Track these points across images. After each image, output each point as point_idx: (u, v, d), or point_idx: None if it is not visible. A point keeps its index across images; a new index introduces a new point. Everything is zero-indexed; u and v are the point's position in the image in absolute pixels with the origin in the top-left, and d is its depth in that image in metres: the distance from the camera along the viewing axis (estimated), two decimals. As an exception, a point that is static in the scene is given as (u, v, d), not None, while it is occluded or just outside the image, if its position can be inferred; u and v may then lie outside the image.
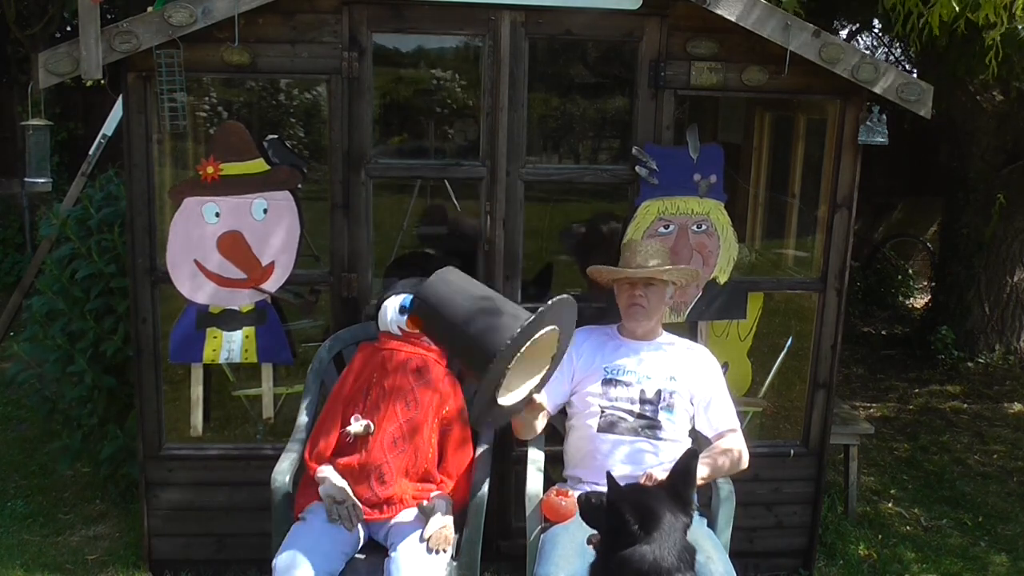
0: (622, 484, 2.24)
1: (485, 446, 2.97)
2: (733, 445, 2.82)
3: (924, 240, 8.60)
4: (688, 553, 2.13)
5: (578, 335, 2.98)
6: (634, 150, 3.22)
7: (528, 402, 2.69)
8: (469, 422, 2.83)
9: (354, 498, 2.75)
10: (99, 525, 3.78)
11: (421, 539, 2.65)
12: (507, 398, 2.60)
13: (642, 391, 2.81)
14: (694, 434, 2.93)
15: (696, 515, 2.76)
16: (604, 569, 2.19)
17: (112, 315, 3.71)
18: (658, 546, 2.09)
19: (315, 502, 2.77)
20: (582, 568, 2.40)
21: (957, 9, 3.33)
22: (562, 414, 3.01)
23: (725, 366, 3.47)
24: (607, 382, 2.84)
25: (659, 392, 2.82)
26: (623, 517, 2.13)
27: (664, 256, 2.96)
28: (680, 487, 2.21)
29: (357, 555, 2.73)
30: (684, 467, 2.24)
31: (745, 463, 2.84)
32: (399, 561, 2.60)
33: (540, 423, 2.86)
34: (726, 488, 2.80)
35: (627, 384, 2.82)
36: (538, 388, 2.69)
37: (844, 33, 7.49)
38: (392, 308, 2.93)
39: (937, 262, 7.26)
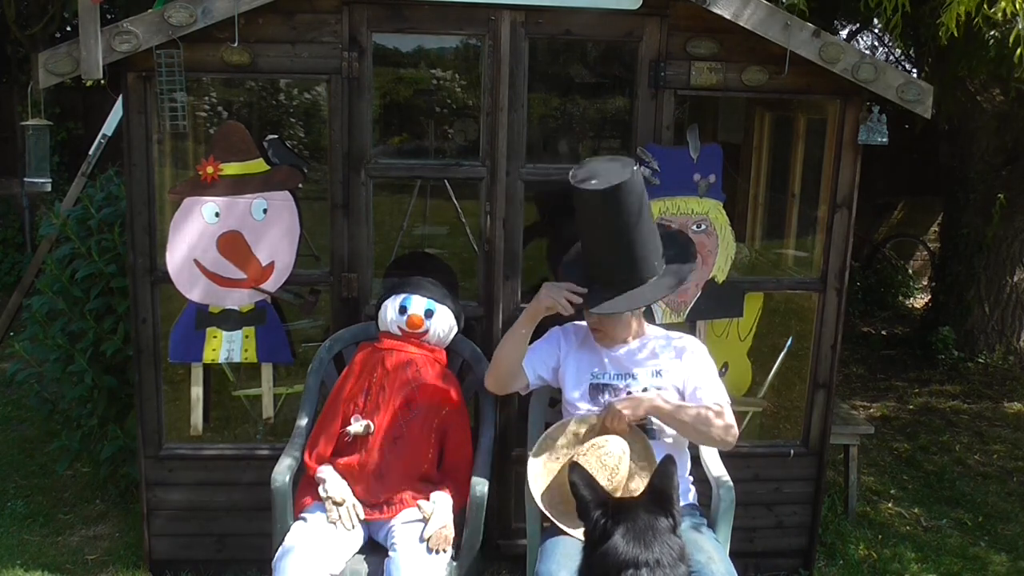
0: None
1: (485, 446, 2.97)
2: (709, 407, 2.70)
3: (924, 240, 8.60)
4: (674, 549, 2.12)
5: (571, 327, 2.96)
6: (638, 151, 3.22)
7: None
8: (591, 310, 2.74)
9: (354, 498, 2.76)
10: (99, 525, 3.78)
11: (421, 539, 2.65)
12: None
13: (629, 394, 2.79)
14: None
15: (696, 514, 2.77)
16: (587, 568, 2.19)
17: (112, 315, 3.71)
18: (633, 539, 2.08)
19: (315, 502, 2.77)
20: None
21: (979, 2, 3.28)
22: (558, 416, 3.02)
23: (725, 366, 3.48)
24: (595, 387, 2.81)
25: (645, 391, 2.80)
26: (588, 512, 2.13)
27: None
28: (660, 490, 2.20)
29: (357, 555, 2.74)
30: (663, 471, 2.23)
31: (731, 437, 2.68)
32: (399, 561, 2.60)
33: (516, 384, 2.89)
34: (726, 488, 2.79)
35: (615, 388, 2.80)
36: None
37: (844, 33, 7.50)
38: (392, 308, 2.94)
39: (937, 262, 7.26)
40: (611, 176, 2.57)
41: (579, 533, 2.48)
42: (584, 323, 2.97)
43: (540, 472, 2.66)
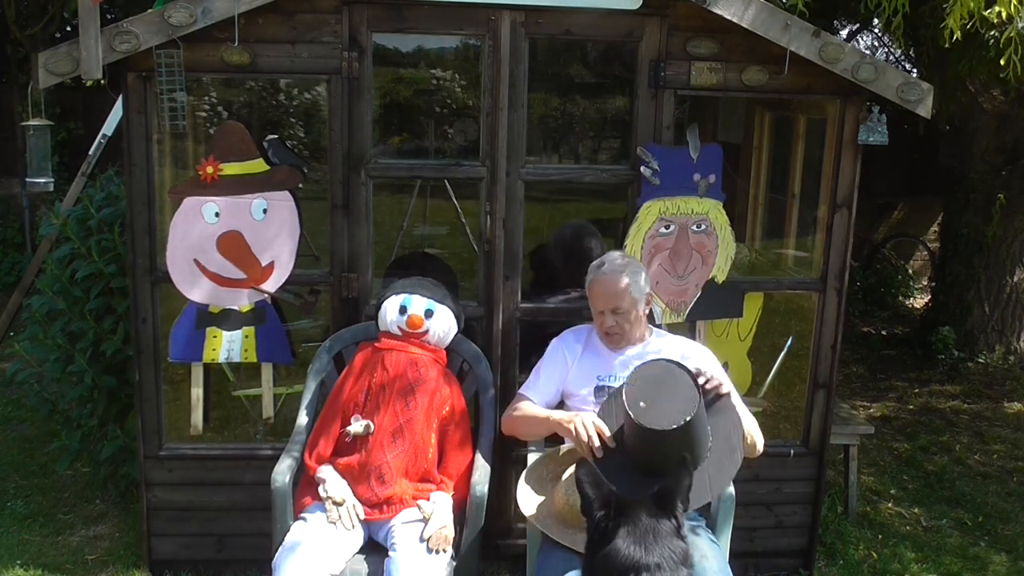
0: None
1: (485, 446, 2.97)
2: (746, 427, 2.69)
3: (924, 240, 8.60)
4: (676, 553, 2.11)
5: (570, 335, 2.98)
6: (638, 150, 3.22)
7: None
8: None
9: (354, 498, 2.76)
10: (99, 525, 3.78)
11: (421, 539, 2.65)
12: None
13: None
14: None
15: (695, 516, 2.77)
16: (588, 570, 2.19)
17: (112, 315, 3.71)
18: (634, 542, 2.08)
19: (315, 502, 2.77)
20: None
21: (980, 5, 3.28)
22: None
23: (725, 366, 3.47)
24: (600, 390, 2.81)
25: None
26: (591, 511, 2.13)
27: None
28: (665, 490, 2.19)
29: (357, 555, 2.74)
30: (671, 472, 2.23)
31: (760, 446, 2.72)
32: (399, 561, 2.60)
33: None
34: (726, 488, 2.79)
35: None
36: None
37: (844, 33, 7.50)
38: (392, 308, 2.94)
39: (937, 262, 7.26)
40: (671, 405, 2.33)
41: (576, 544, 2.48)
42: (583, 327, 2.98)
43: (529, 491, 2.67)
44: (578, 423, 2.53)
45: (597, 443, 2.48)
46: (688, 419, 2.31)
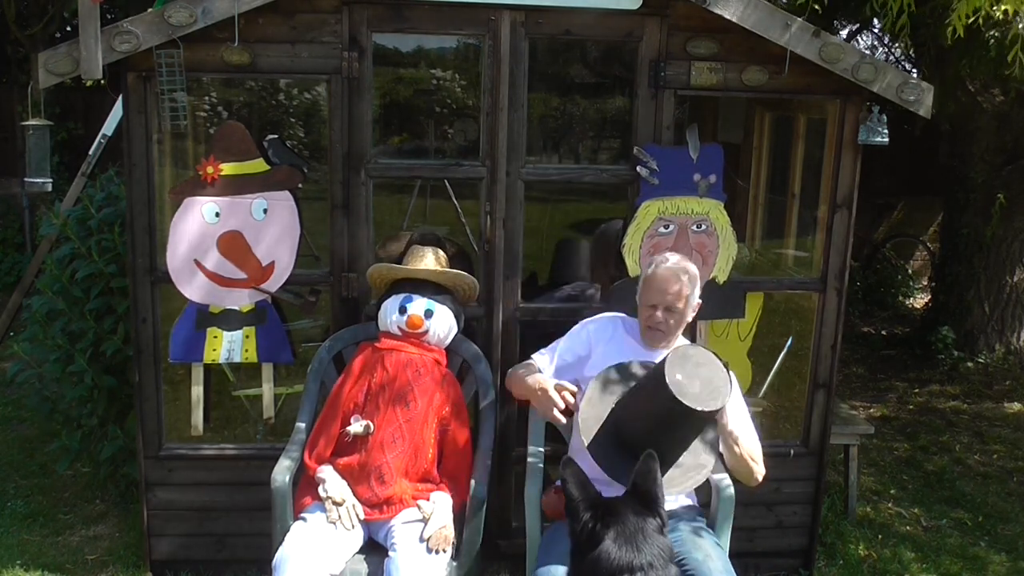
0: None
1: (485, 446, 2.97)
2: (746, 452, 2.72)
3: (924, 240, 8.60)
4: (664, 551, 2.11)
5: (602, 321, 2.98)
6: (635, 150, 3.22)
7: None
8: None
9: (354, 498, 2.76)
10: (99, 525, 3.78)
11: (421, 539, 2.65)
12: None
13: None
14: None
15: (697, 518, 2.77)
16: (577, 573, 2.19)
17: (112, 315, 3.71)
18: (624, 543, 2.08)
19: (315, 502, 2.77)
20: None
21: (986, 2, 3.29)
22: (567, 413, 3.03)
23: (725, 366, 3.47)
24: None
25: None
26: (577, 513, 2.13)
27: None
28: (644, 489, 2.19)
29: (357, 555, 2.74)
30: (644, 468, 2.22)
31: (758, 474, 2.73)
32: (399, 561, 2.60)
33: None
34: (726, 488, 2.79)
35: None
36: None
37: (844, 33, 7.49)
38: (392, 308, 2.94)
39: (937, 262, 7.26)
40: (713, 393, 2.43)
41: None
42: (615, 316, 2.98)
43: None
44: (538, 403, 2.75)
45: (562, 406, 2.67)
46: (720, 406, 2.40)
